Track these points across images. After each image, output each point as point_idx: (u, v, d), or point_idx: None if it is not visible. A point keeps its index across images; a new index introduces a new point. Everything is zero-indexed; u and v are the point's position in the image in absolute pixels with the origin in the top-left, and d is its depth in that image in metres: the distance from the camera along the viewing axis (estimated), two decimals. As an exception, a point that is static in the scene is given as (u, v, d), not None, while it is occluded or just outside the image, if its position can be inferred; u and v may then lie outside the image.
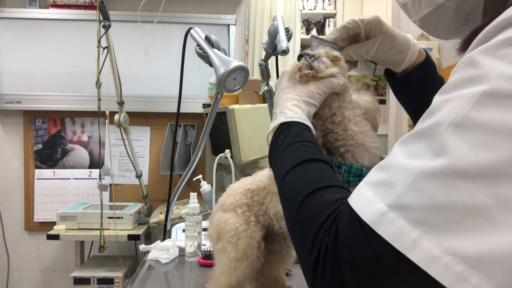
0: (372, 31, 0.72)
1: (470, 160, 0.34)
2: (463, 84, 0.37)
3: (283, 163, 0.57)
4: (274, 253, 0.92)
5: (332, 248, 0.41)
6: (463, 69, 0.38)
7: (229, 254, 0.80)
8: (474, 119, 0.34)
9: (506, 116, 0.33)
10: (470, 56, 0.38)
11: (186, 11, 2.51)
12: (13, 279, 2.51)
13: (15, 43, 2.42)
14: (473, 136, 0.34)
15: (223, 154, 1.67)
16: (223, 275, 0.81)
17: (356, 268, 0.39)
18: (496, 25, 0.37)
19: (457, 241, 0.33)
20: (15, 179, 2.52)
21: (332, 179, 0.51)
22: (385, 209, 0.37)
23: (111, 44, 1.92)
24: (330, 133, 0.71)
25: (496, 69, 0.34)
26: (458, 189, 0.34)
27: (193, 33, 1.14)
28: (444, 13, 0.53)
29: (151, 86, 2.50)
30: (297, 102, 0.66)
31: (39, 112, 2.49)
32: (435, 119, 0.37)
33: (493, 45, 0.36)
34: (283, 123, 0.62)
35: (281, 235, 0.87)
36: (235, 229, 0.81)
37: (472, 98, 0.35)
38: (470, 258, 0.32)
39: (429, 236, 0.34)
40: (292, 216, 0.50)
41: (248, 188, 0.86)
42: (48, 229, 2.05)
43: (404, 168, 0.38)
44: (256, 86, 1.95)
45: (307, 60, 0.69)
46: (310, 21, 2.88)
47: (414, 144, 0.39)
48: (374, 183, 0.40)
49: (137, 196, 2.48)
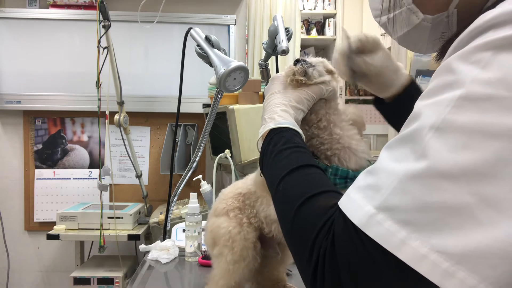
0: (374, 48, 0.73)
1: (451, 161, 0.35)
2: (441, 89, 0.39)
3: (276, 170, 0.57)
4: (270, 258, 0.92)
5: (330, 253, 0.42)
6: (441, 75, 0.40)
7: (226, 258, 0.81)
8: (452, 122, 0.36)
9: (481, 118, 0.35)
10: (447, 62, 0.40)
11: (186, 11, 2.51)
12: (13, 279, 2.50)
13: (15, 43, 2.42)
14: (452, 138, 0.36)
15: (223, 154, 1.67)
16: (222, 278, 0.81)
17: (352, 271, 0.40)
18: (470, 31, 0.39)
19: (442, 239, 0.35)
20: (15, 179, 2.52)
21: (325, 184, 0.52)
22: (373, 212, 0.39)
23: (111, 44, 1.92)
24: (315, 138, 0.72)
25: (470, 74, 0.37)
26: (441, 189, 0.35)
27: (193, 33, 1.14)
28: (421, 32, 0.55)
29: (151, 86, 2.49)
30: (285, 107, 0.67)
31: (39, 112, 2.49)
32: (417, 124, 0.39)
33: (467, 51, 0.38)
34: (273, 129, 0.63)
35: (275, 240, 0.87)
36: (229, 232, 0.81)
37: (450, 102, 0.37)
38: (455, 254, 0.34)
39: (416, 235, 0.36)
40: (289, 223, 0.50)
41: (239, 192, 0.87)
42: (48, 229, 2.05)
43: (390, 171, 0.40)
44: (256, 86, 1.94)
45: (303, 66, 0.70)
46: (310, 21, 2.88)
47: (399, 148, 0.41)
48: (363, 187, 0.42)
49: (137, 196, 2.48)
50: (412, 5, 0.54)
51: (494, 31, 0.37)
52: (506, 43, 0.36)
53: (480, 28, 0.38)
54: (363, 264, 0.39)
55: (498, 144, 0.34)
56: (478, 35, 0.38)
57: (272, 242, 0.88)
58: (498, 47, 0.36)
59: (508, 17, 0.37)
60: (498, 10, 0.38)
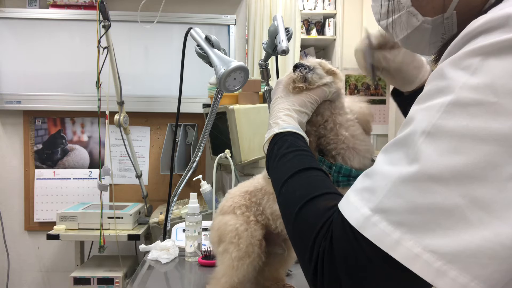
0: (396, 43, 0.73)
1: (441, 165, 0.37)
2: (433, 94, 0.40)
3: (279, 173, 0.60)
4: (276, 255, 0.93)
5: (328, 253, 0.44)
6: (434, 80, 0.42)
7: (231, 254, 0.81)
8: (442, 127, 0.38)
9: (470, 123, 0.36)
10: (440, 68, 0.41)
11: (186, 11, 2.51)
12: (13, 279, 2.51)
13: (15, 43, 2.42)
14: (442, 142, 0.38)
15: (223, 154, 1.67)
16: (225, 276, 0.82)
17: (349, 269, 0.42)
18: (462, 36, 0.41)
19: (434, 239, 0.36)
20: (15, 179, 2.52)
21: (326, 186, 0.54)
22: (369, 213, 0.41)
23: (111, 44, 1.92)
24: (323, 137, 0.74)
25: (460, 80, 0.38)
26: (432, 192, 0.37)
27: (193, 33, 1.14)
28: (422, 33, 0.56)
29: (151, 86, 2.50)
30: (289, 112, 0.69)
31: (39, 112, 2.49)
32: (410, 128, 0.41)
33: (458, 57, 0.40)
34: (277, 133, 0.65)
35: (281, 237, 0.88)
36: (236, 229, 0.82)
37: (441, 107, 0.39)
38: (447, 254, 0.36)
39: (409, 236, 0.38)
40: (291, 225, 0.53)
41: (246, 190, 0.88)
42: (48, 229, 2.05)
43: (385, 174, 0.41)
44: (256, 86, 1.95)
45: (301, 72, 0.71)
46: (310, 21, 2.88)
47: (394, 152, 0.42)
48: (360, 190, 0.44)
49: (137, 196, 2.48)
50: (411, 8, 0.55)
51: (484, 36, 0.38)
52: (494, 49, 0.37)
53: (471, 34, 0.40)
54: (360, 263, 0.41)
55: (486, 148, 0.35)
56: (469, 40, 0.40)
57: (278, 239, 0.89)
58: (487, 53, 0.37)
59: (496, 23, 0.38)
60: (488, 15, 0.39)
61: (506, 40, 0.36)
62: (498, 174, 0.35)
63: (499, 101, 0.35)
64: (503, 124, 0.35)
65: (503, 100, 0.35)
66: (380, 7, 0.60)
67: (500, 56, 0.36)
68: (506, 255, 0.34)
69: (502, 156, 0.35)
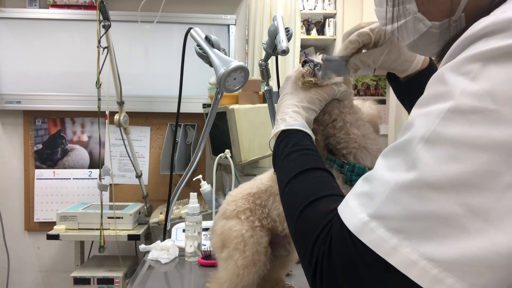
0: (381, 39, 0.70)
1: (439, 173, 0.37)
2: (433, 100, 0.40)
3: (284, 173, 0.60)
4: (278, 257, 0.91)
5: (327, 256, 0.44)
6: (434, 85, 0.41)
7: (236, 262, 0.78)
8: (441, 134, 0.38)
9: (469, 131, 0.36)
10: (440, 72, 0.41)
11: (186, 11, 2.51)
12: (13, 279, 2.51)
13: (15, 43, 2.42)
14: (440, 150, 0.37)
15: (223, 154, 1.67)
16: (228, 282, 0.79)
17: (347, 274, 0.42)
18: (463, 40, 0.40)
19: (432, 247, 0.36)
20: (15, 179, 2.52)
21: (329, 187, 0.54)
22: (367, 219, 0.41)
23: (111, 44, 1.92)
24: (332, 137, 0.73)
25: (460, 86, 0.38)
26: (430, 199, 0.37)
27: (193, 33, 1.14)
28: (430, 38, 0.55)
29: (151, 86, 2.50)
30: (297, 108, 0.68)
31: (39, 112, 2.49)
32: (409, 134, 0.41)
33: (458, 62, 0.39)
34: (284, 130, 0.65)
35: (286, 239, 0.86)
36: (242, 235, 0.80)
37: (440, 114, 0.38)
38: (444, 262, 0.35)
39: (406, 243, 0.38)
40: (293, 226, 0.53)
41: (248, 192, 0.85)
42: (48, 229, 2.05)
43: (383, 180, 0.41)
44: (256, 86, 1.94)
45: (311, 67, 0.70)
46: (310, 21, 2.88)
47: (393, 158, 0.42)
48: (359, 194, 0.44)
49: (137, 196, 2.48)
50: (418, 13, 0.53)
51: (485, 41, 0.38)
52: (494, 55, 0.36)
53: (472, 37, 0.39)
54: (357, 267, 0.41)
55: (485, 156, 0.35)
56: (470, 44, 0.39)
57: (283, 241, 0.87)
58: (487, 59, 0.37)
59: (497, 27, 0.37)
60: (490, 18, 0.38)
61: (507, 47, 0.36)
62: (496, 183, 0.35)
63: (499, 108, 0.35)
64: (502, 132, 0.35)
65: (502, 108, 0.35)
66: (385, 12, 0.58)
67: (500, 63, 0.36)
68: (503, 264, 0.34)
69: (501, 165, 0.35)
